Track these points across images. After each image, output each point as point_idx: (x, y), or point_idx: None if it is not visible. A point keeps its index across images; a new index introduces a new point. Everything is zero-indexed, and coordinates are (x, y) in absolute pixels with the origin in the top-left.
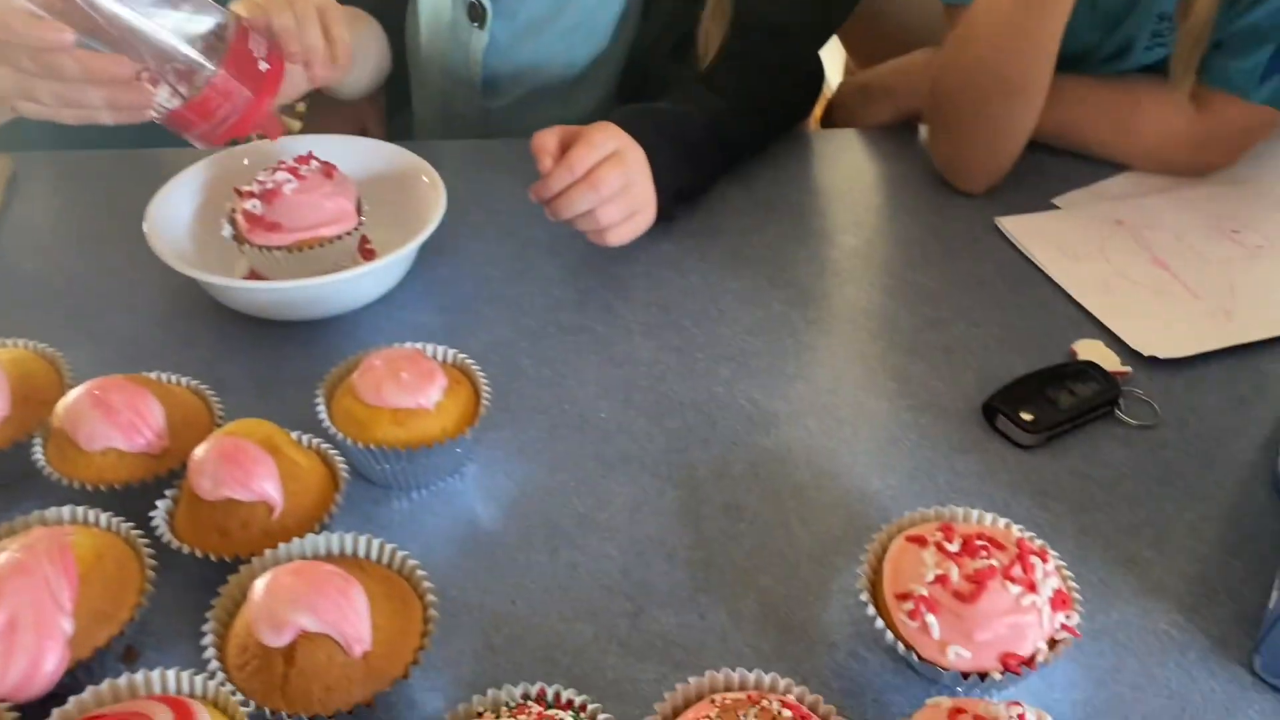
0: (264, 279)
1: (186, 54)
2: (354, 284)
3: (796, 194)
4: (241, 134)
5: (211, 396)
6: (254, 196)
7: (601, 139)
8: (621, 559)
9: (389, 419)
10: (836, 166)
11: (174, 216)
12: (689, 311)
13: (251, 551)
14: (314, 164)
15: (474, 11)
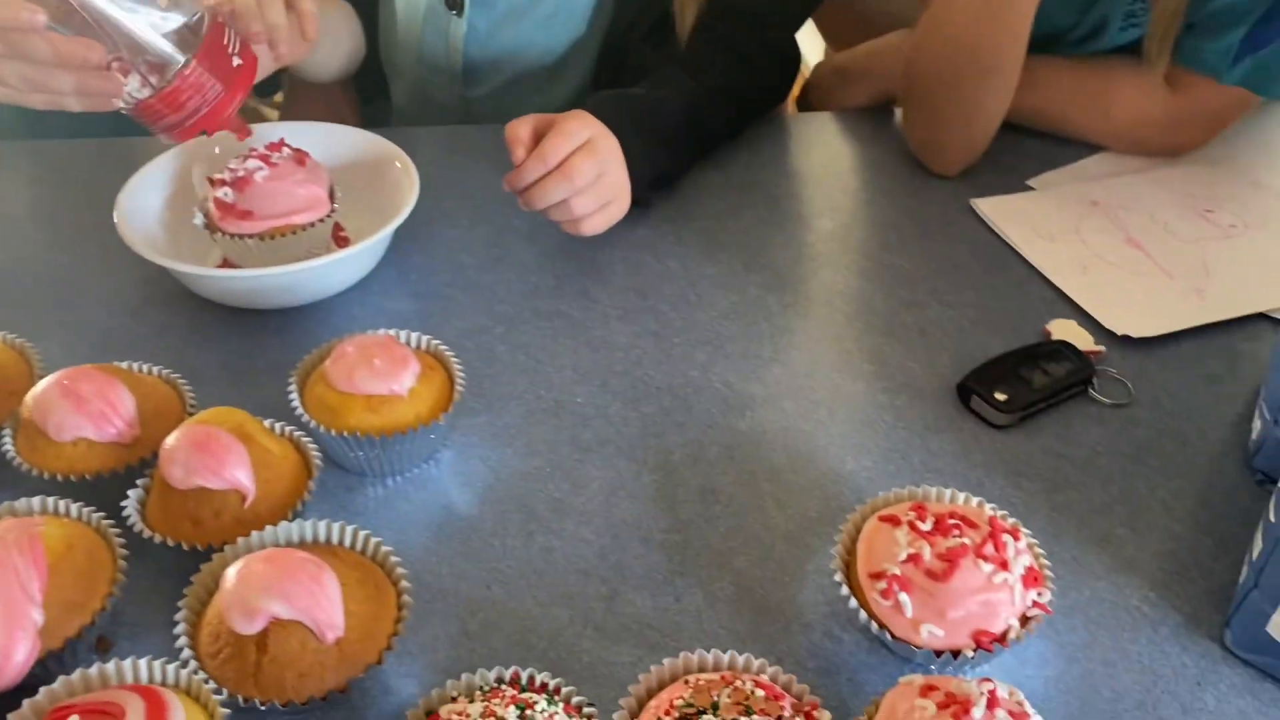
0: (237, 267)
1: (159, 43)
2: (327, 271)
3: (773, 178)
4: (210, 130)
5: (184, 385)
6: (225, 184)
7: (575, 128)
8: (597, 543)
9: (362, 405)
10: (813, 150)
11: (145, 205)
12: (665, 296)
13: (224, 540)
14: (286, 151)
15: None
